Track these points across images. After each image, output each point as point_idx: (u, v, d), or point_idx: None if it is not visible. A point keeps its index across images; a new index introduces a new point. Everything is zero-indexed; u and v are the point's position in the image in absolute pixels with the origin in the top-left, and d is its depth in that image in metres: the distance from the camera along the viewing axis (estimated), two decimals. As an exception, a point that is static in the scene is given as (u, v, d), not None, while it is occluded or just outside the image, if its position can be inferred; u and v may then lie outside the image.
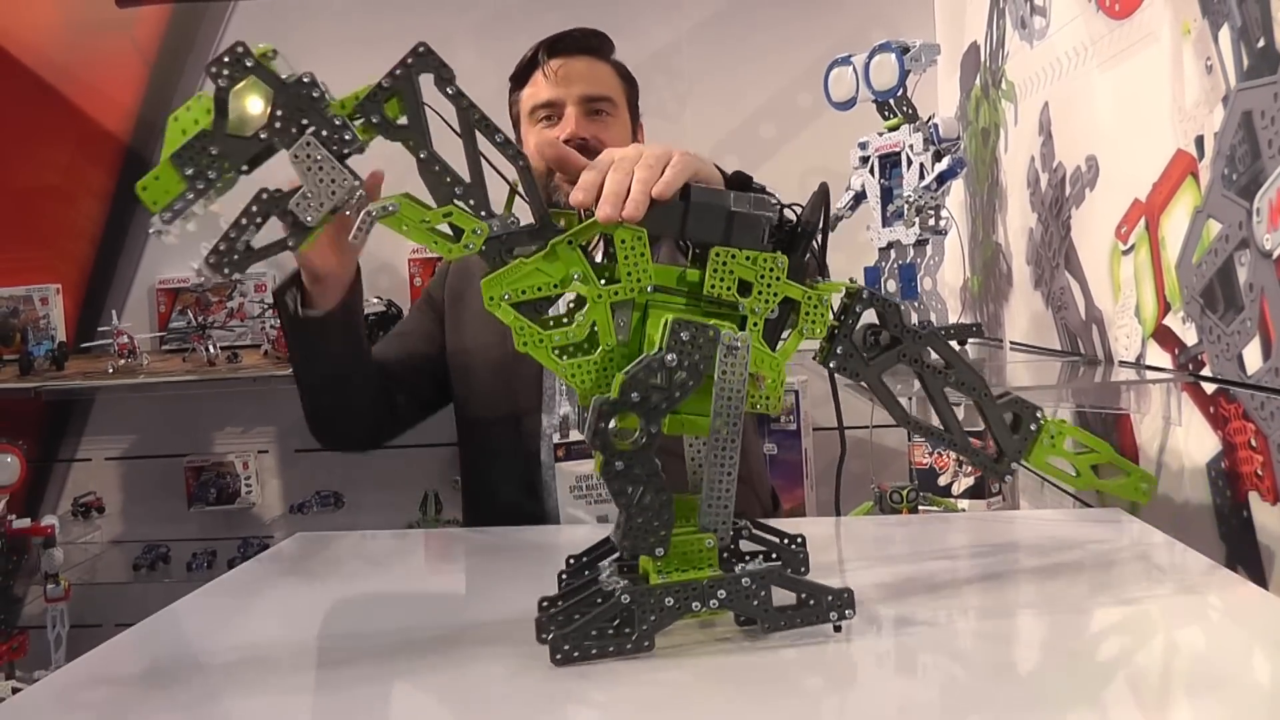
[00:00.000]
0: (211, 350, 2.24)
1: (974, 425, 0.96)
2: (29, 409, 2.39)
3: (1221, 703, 0.60)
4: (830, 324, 0.76)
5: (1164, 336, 1.13)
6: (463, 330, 1.41)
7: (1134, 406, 1.22)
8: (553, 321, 0.73)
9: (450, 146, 0.71)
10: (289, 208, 0.68)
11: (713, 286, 0.71)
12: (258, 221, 0.68)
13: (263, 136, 0.67)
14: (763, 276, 0.72)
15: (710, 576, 0.69)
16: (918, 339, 0.79)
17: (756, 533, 0.84)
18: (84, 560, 2.36)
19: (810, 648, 0.69)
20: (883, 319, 0.79)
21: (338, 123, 0.67)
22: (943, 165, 1.45)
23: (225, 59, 0.66)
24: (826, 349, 0.77)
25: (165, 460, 2.45)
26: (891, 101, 1.52)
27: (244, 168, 0.68)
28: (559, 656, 0.67)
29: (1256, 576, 0.93)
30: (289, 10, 2.38)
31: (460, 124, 0.70)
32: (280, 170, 0.70)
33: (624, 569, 0.75)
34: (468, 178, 0.71)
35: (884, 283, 1.55)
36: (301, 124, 0.67)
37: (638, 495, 0.68)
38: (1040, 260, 1.55)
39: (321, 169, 0.67)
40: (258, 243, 0.68)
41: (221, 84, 0.66)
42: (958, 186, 1.97)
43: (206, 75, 0.67)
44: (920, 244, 1.50)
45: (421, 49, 0.69)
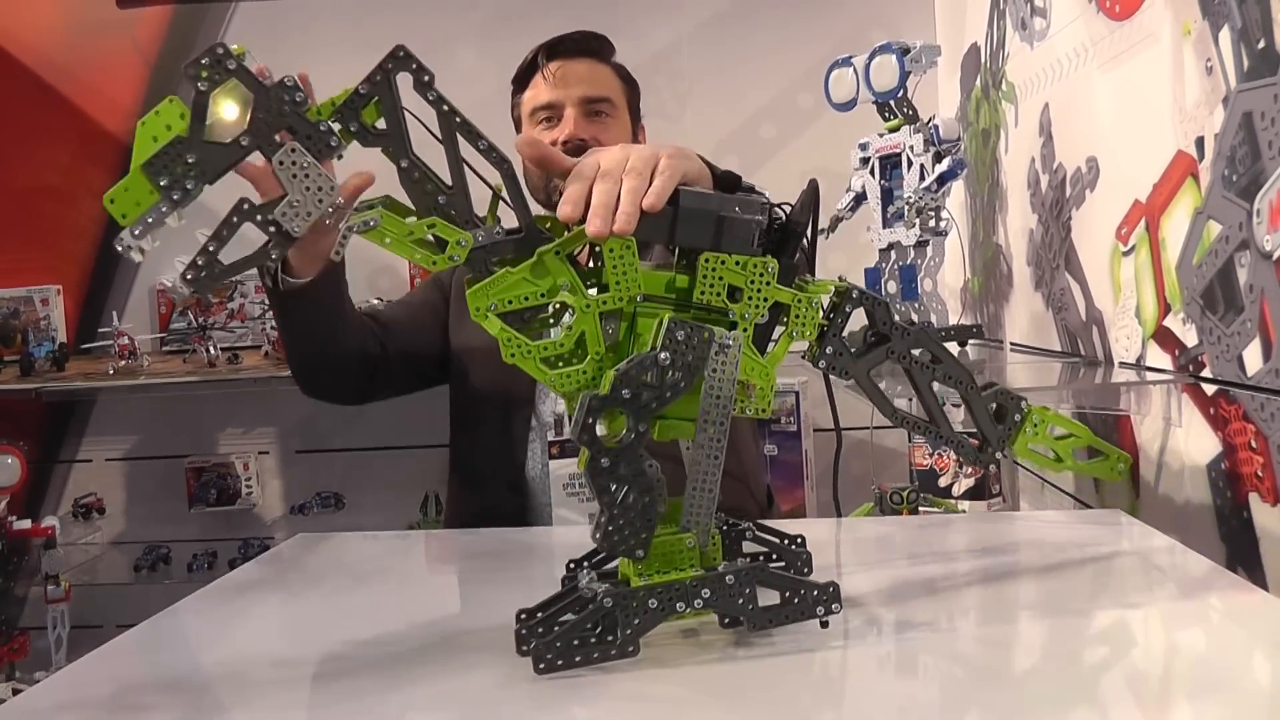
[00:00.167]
0: (212, 351, 2.24)
1: (974, 427, 0.96)
2: (30, 410, 2.38)
3: (1221, 704, 0.60)
4: (820, 323, 0.75)
5: (1164, 338, 1.13)
6: (465, 321, 1.42)
7: (1134, 408, 1.22)
8: (537, 323, 0.72)
9: (437, 149, 0.70)
10: (273, 217, 0.64)
11: (702, 293, 0.70)
12: (229, 233, 0.64)
13: (244, 143, 0.64)
14: (752, 282, 0.71)
15: (693, 576, 0.68)
16: (906, 336, 0.79)
17: (759, 534, 0.84)
18: (85, 561, 2.36)
19: (811, 647, 0.69)
20: (871, 317, 0.79)
21: (322, 129, 0.65)
22: (943, 166, 1.45)
23: (205, 60, 0.62)
24: (816, 349, 0.77)
25: (166, 461, 2.44)
26: (892, 103, 1.52)
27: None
28: (542, 666, 0.65)
29: (1257, 578, 0.93)
30: (289, 10, 2.38)
31: (441, 129, 0.68)
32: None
33: (603, 575, 0.74)
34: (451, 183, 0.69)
35: (884, 284, 1.55)
36: (285, 130, 0.64)
37: (621, 494, 0.67)
38: (1040, 261, 1.55)
39: (308, 176, 0.64)
40: (228, 257, 0.64)
41: (202, 86, 0.62)
42: (958, 188, 1.97)
43: (185, 77, 0.63)
44: (920, 245, 1.50)
45: (401, 53, 0.66)
